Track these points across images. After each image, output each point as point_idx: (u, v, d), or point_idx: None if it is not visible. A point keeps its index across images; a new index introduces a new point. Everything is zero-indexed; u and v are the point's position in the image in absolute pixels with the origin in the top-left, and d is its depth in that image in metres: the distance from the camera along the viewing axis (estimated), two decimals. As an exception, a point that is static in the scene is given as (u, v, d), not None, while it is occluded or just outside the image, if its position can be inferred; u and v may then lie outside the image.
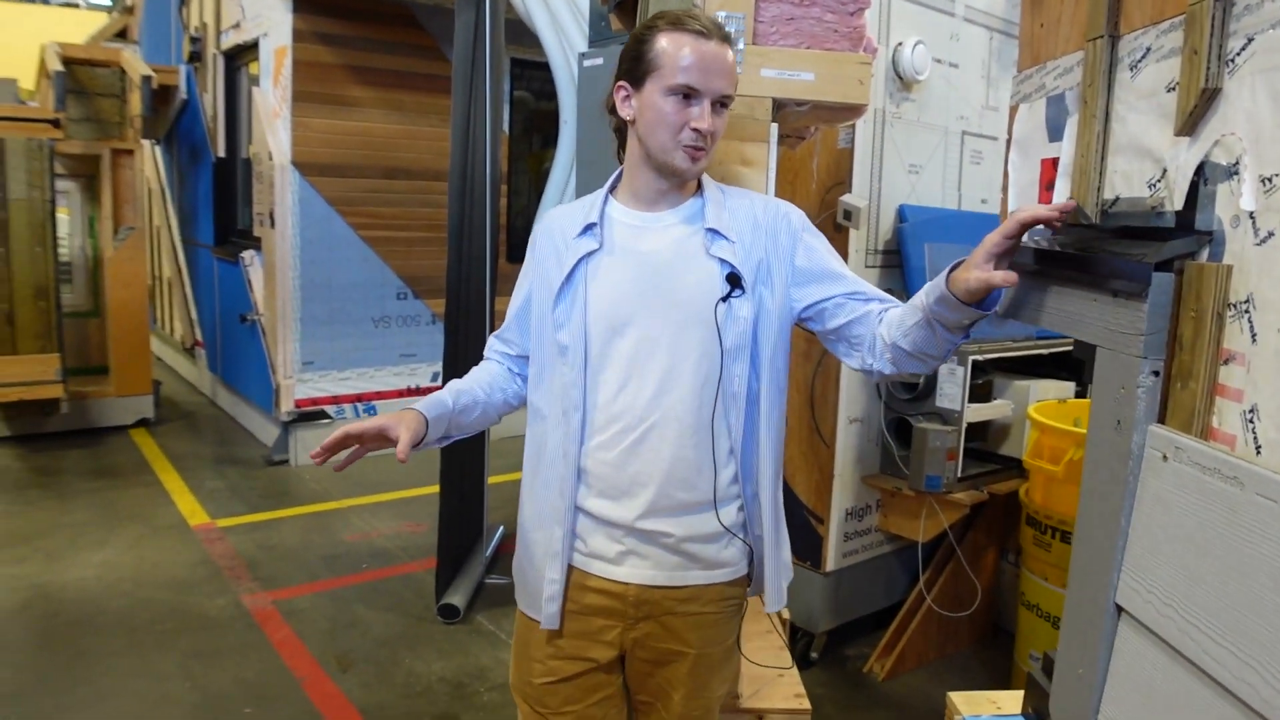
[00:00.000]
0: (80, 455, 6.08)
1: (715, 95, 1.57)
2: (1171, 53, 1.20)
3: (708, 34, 1.57)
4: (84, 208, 6.93)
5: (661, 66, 1.56)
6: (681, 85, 1.55)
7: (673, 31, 1.57)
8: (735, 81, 1.62)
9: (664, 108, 1.56)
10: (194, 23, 7.50)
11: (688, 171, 1.61)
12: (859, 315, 1.65)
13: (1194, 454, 1.07)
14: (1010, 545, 3.85)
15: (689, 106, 1.56)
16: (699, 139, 1.57)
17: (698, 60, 1.54)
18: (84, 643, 3.61)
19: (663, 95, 1.56)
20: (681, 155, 1.58)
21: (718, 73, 1.56)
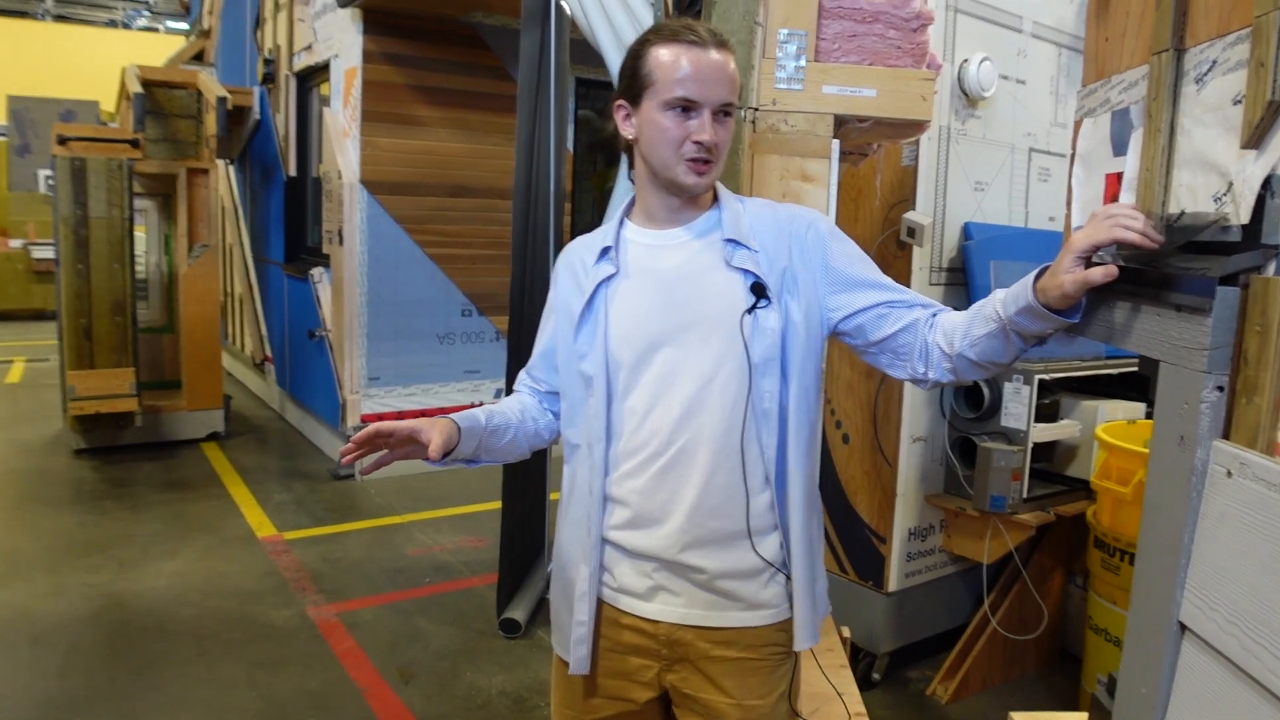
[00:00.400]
0: (153, 467, 6.25)
1: (715, 105, 1.50)
2: (1238, 65, 1.19)
3: (702, 42, 1.50)
4: (160, 225, 7.15)
5: (657, 81, 1.51)
6: (678, 98, 1.49)
7: (666, 44, 1.51)
8: (737, 89, 1.55)
9: (663, 123, 1.51)
10: (268, 45, 7.72)
11: (695, 186, 1.54)
12: (906, 324, 1.57)
13: (1259, 469, 1.05)
14: (1077, 568, 3.78)
15: (688, 119, 1.50)
16: (701, 151, 1.50)
17: (693, 71, 1.49)
18: (154, 650, 3.71)
19: (660, 110, 1.51)
20: (685, 169, 1.52)
21: (715, 81, 1.50)
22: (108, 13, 21.33)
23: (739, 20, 2.06)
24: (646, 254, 1.61)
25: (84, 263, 6.13)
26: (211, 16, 9.73)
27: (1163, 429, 1.23)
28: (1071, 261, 1.32)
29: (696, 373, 1.53)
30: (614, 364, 1.57)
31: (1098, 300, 1.37)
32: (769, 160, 2.08)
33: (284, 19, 7.33)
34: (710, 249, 1.58)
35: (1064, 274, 1.33)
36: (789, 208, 1.65)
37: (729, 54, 1.53)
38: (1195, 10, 1.30)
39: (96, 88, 15.42)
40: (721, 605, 1.57)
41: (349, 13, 5.92)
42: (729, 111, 1.53)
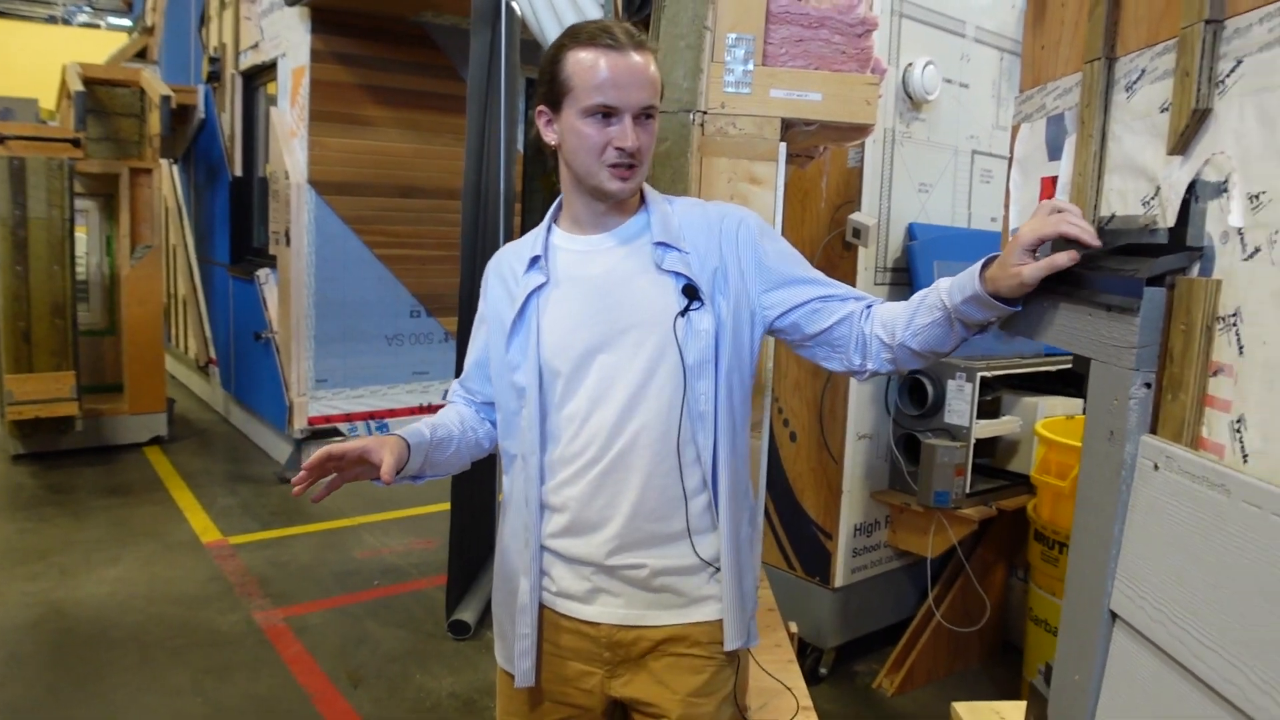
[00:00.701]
0: (94, 473, 6.14)
1: (636, 109, 1.48)
2: (1165, 74, 1.24)
3: (620, 45, 1.47)
4: (102, 226, 7.01)
5: (575, 88, 1.48)
6: (598, 105, 1.47)
7: (584, 48, 1.48)
8: (658, 90, 1.52)
9: (583, 130, 1.49)
10: (213, 43, 7.61)
11: (619, 192, 1.52)
12: (841, 317, 1.57)
13: (1184, 463, 1.10)
14: (1019, 561, 3.86)
15: (609, 125, 1.48)
16: (624, 157, 1.48)
17: (612, 75, 1.46)
18: (97, 658, 3.65)
19: (580, 117, 1.48)
20: (608, 176, 1.50)
21: (635, 85, 1.47)
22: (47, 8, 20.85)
23: (688, 24, 2.08)
24: (576, 260, 1.59)
25: (22, 264, 5.99)
26: (155, 13, 9.56)
27: (1093, 424, 1.28)
28: (1020, 254, 1.34)
29: (632, 378, 1.52)
30: (548, 374, 1.55)
31: (1033, 300, 1.41)
32: (717, 163, 2.10)
33: (230, 17, 7.24)
34: (639, 253, 1.57)
35: (1016, 265, 1.34)
36: (718, 206, 1.65)
37: (649, 55, 1.51)
38: (1125, 21, 1.34)
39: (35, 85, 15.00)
40: (661, 604, 1.58)
41: (297, 11, 5.86)
42: (651, 114, 1.51)
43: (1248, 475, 1.02)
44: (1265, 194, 1.04)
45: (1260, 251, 1.04)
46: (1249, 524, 0.99)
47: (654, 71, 1.51)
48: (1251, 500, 0.99)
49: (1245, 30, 1.09)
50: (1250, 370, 1.05)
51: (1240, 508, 1.01)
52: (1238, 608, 1.00)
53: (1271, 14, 1.05)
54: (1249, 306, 1.05)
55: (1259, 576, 0.98)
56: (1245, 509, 1.00)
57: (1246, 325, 1.06)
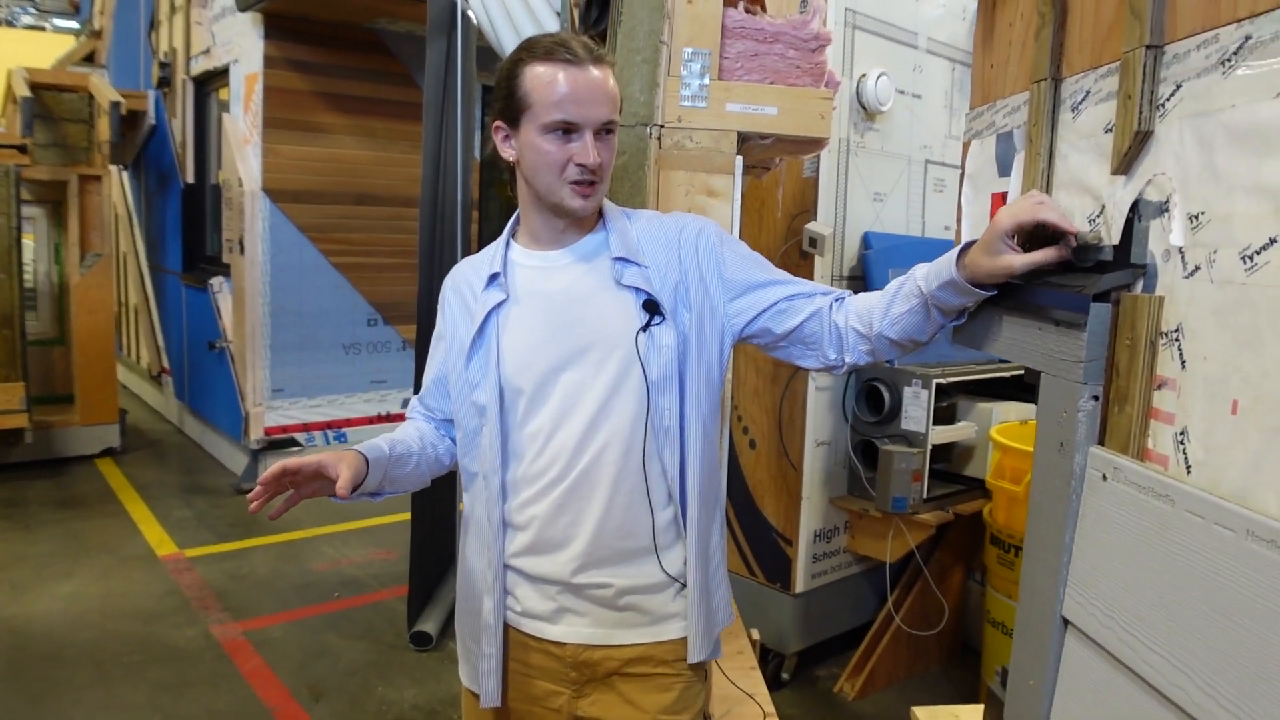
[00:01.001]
0: (45, 485, 6.02)
1: (596, 125, 1.46)
2: (1109, 96, 1.28)
3: (579, 60, 1.45)
4: (50, 234, 6.88)
5: (534, 104, 1.45)
6: (558, 121, 1.44)
7: (542, 62, 1.45)
8: (617, 105, 1.51)
9: (543, 146, 1.46)
10: (163, 48, 7.50)
11: (581, 209, 1.50)
12: (810, 313, 1.56)
13: (1130, 474, 1.13)
14: (976, 565, 3.92)
15: (569, 142, 1.46)
16: (585, 173, 1.47)
17: (572, 91, 1.44)
18: (51, 675, 3.58)
19: (540, 133, 1.46)
20: (570, 193, 1.48)
21: (595, 100, 1.45)
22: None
23: (644, 39, 2.11)
24: (535, 277, 1.57)
25: (-32, 273, 5.88)
26: (103, 17, 9.41)
27: (1044, 435, 1.31)
28: (1000, 241, 1.32)
29: (595, 395, 1.50)
30: (510, 392, 1.54)
31: (983, 312, 1.45)
32: (675, 176, 2.13)
33: (180, 21, 7.14)
34: (599, 268, 1.55)
35: (1003, 255, 1.33)
36: (676, 218, 1.63)
37: (607, 69, 1.49)
38: (1070, 43, 1.39)
39: (-22, 89, 14.75)
40: (628, 623, 1.56)
41: (249, 17, 5.81)
42: (611, 129, 1.50)
43: (1190, 486, 1.06)
44: (1204, 214, 1.08)
45: (1200, 270, 1.08)
46: (1192, 533, 1.03)
47: (613, 86, 1.49)
48: (1194, 510, 1.03)
49: (1184, 56, 1.13)
50: (1192, 384, 1.09)
51: (1184, 517, 1.05)
52: (1183, 614, 1.04)
53: (1208, 41, 1.09)
54: (1190, 323, 1.09)
55: (1202, 584, 1.01)
56: (1188, 518, 1.04)
57: (1188, 341, 1.10)
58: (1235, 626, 0.97)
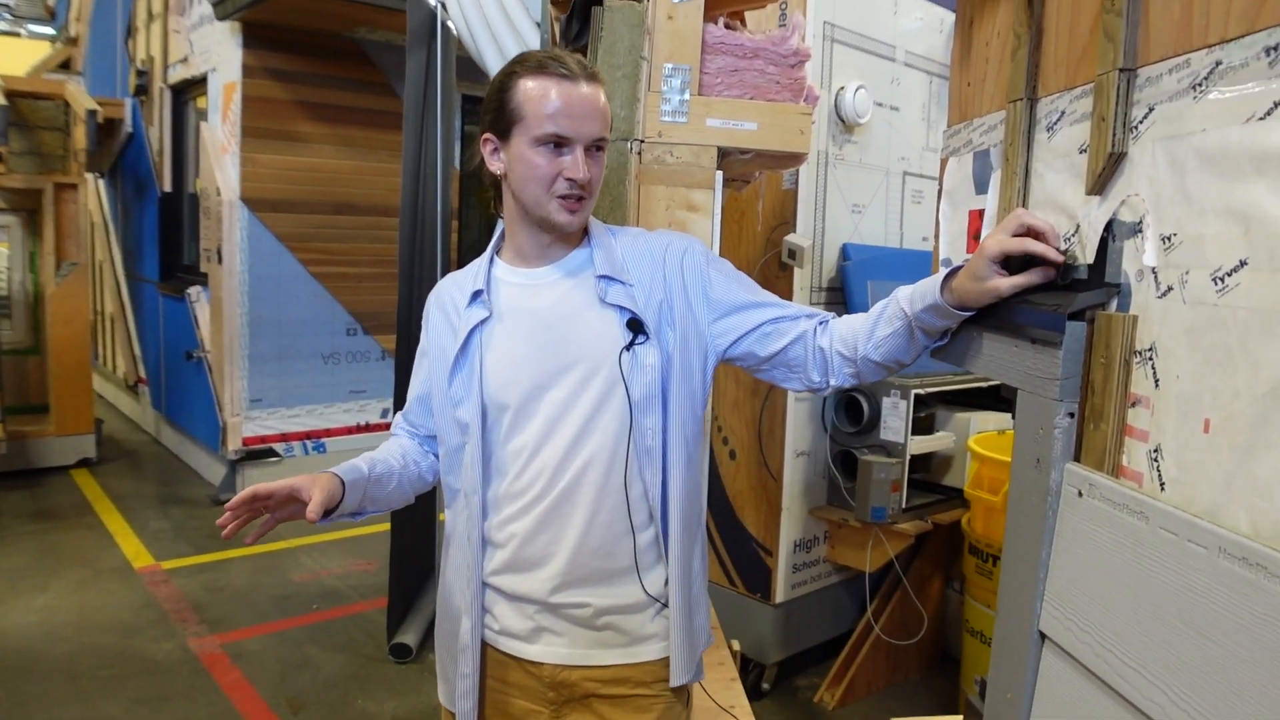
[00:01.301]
0: (19, 497, 5.96)
1: (588, 140, 1.46)
2: (1083, 117, 1.30)
3: (572, 75, 1.46)
4: (25, 242, 6.82)
5: (526, 116, 1.45)
6: (550, 134, 1.45)
7: (534, 76, 1.46)
8: (608, 122, 1.51)
9: (534, 159, 1.46)
10: (140, 56, 7.47)
11: (568, 225, 1.50)
12: (795, 337, 1.56)
13: (1105, 490, 1.15)
14: (955, 574, 3.95)
15: (560, 156, 1.46)
16: (574, 188, 1.47)
17: (564, 105, 1.44)
18: (25, 690, 3.55)
19: (530, 146, 1.46)
20: (557, 207, 1.48)
21: (587, 116, 1.46)
22: (-37, 16, 20.23)
23: (624, 54, 2.12)
24: (519, 294, 1.57)
25: (-59, 283, 5.82)
26: (79, 23, 9.35)
27: (1021, 452, 1.33)
28: (988, 267, 1.32)
29: (578, 414, 1.50)
30: (493, 409, 1.53)
31: (961, 330, 1.46)
32: (655, 190, 2.14)
33: (158, 29, 7.11)
34: (583, 286, 1.55)
35: (990, 280, 1.32)
36: (662, 236, 1.63)
37: (599, 86, 1.50)
38: (1046, 64, 1.41)
39: (-49, 95, 14.61)
40: (606, 643, 1.56)
41: (228, 26, 5.79)
42: (601, 146, 1.50)
43: (1164, 503, 1.07)
44: (1176, 236, 1.10)
45: (1172, 290, 1.10)
46: (1166, 550, 1.05)
47: (604, 103, 1.50)
48: (1168, 527, 1.05)
49: (1156, 80, 1.15)
50: (1166, 402, 1.11)
51: (1158, 534, 1.06)
52: (1157, 630, 1.05)
53: (1180, 65, 1.11)
54: (1163, 342, 1.11)
55: (1176, 600, 1.03)
56: (1162, 535, 1.05)
57: (1161, 360, 1.11)
58: (1208, 642, 0.98)
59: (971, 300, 1.37)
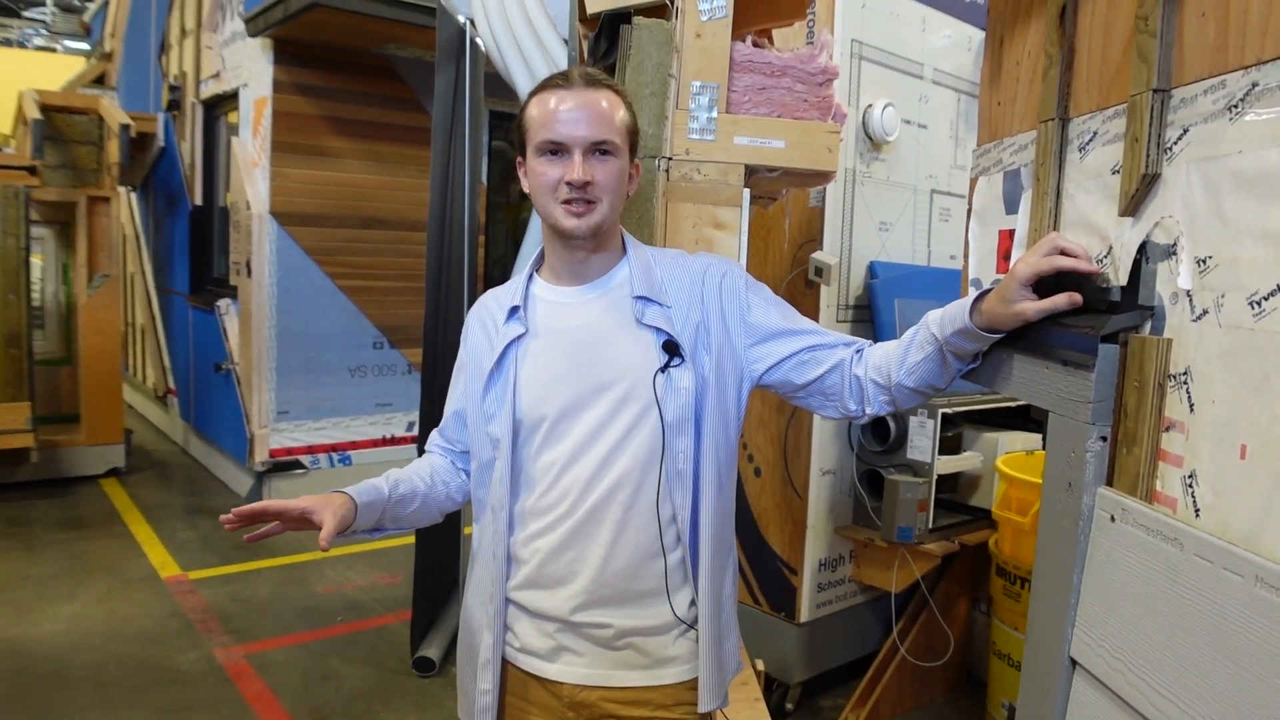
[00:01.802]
0: (49, 505, 6.02)
1: (584, 144, 1.47)
2: (1116, 138, 1.29)
3: (570, 84, 1.49)
4: (58, 254, 6.92)
5: (529, 129, 1.51)
6: (545, 142, 1.48)
7: (539, 93, 1.52)
8: (615, 126, 1.50)
9: (538, 169, 1.50)
10: (173, 71, 7.57)
11: (574, 229, 1.49)
12: (832, 365, 1.55)
13: (1138, 516, 1.13)
14: (981, 595, 3.91)
15: (560, 162, 1.48)
16: (575, 191, 1.47)
17: (558, 111, 1.47)
18: (52, 698, 3.58)
19: (535, 157, 1.50)
20: (562, 213, 1.49)
21: (581, 120, 1.47)
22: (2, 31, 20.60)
23: (653, 72, 2.12)
24: (555, 312, 1.58)
25: (-24, 293, 5.91)
26: (114, 39, 9.50)
27: (1052, 475, 1.31)
28: (1019, 290, 1.31)
29: (610, 434, 1.50)
30: (524, 425, 1.54)
31: (992, 351, 1.45)
32: (682, 208, 2.14)
33: (190, 45, 7.21)
34: (619, 306, 1.55)
35: (1018, 303, 1.31)
36: (702, 259, 1.63)
37: (604, 91, 1.51)
38: (1078, 84, 1.40)
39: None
40: (626, 664, 1.55)
41: (259, 42, 5.86)
42: (606, 149, 1.49)
43: (1199, 529, 1.06)
44: (1211, 258, 1.09)
45: (1208, 314, 1.09)
46: (1200, 577, 1.03)
47: (608, 107, 1.50)
48: (1203, 554, 1.03)
49: (1191, 101, 1.14)
50: (1201, 427, 1.09)
51: (1192, 561, 1.05)
52: (1191, 658, 1.04)
53: (1215, 87, 1.10)
54: (1198, 366, 1.10)
55: (1210, 629, 1.01)
56: (1197, 562, 1.04)
57: (1196, 384, 1.10)
58: (1243, 672, 0.96)
59: (1000, 323, 1.36)
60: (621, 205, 1.56)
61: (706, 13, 2.13)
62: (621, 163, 1.52)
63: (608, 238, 1.57)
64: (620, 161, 1.52)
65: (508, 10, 3.60)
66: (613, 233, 1.59)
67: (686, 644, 1.57)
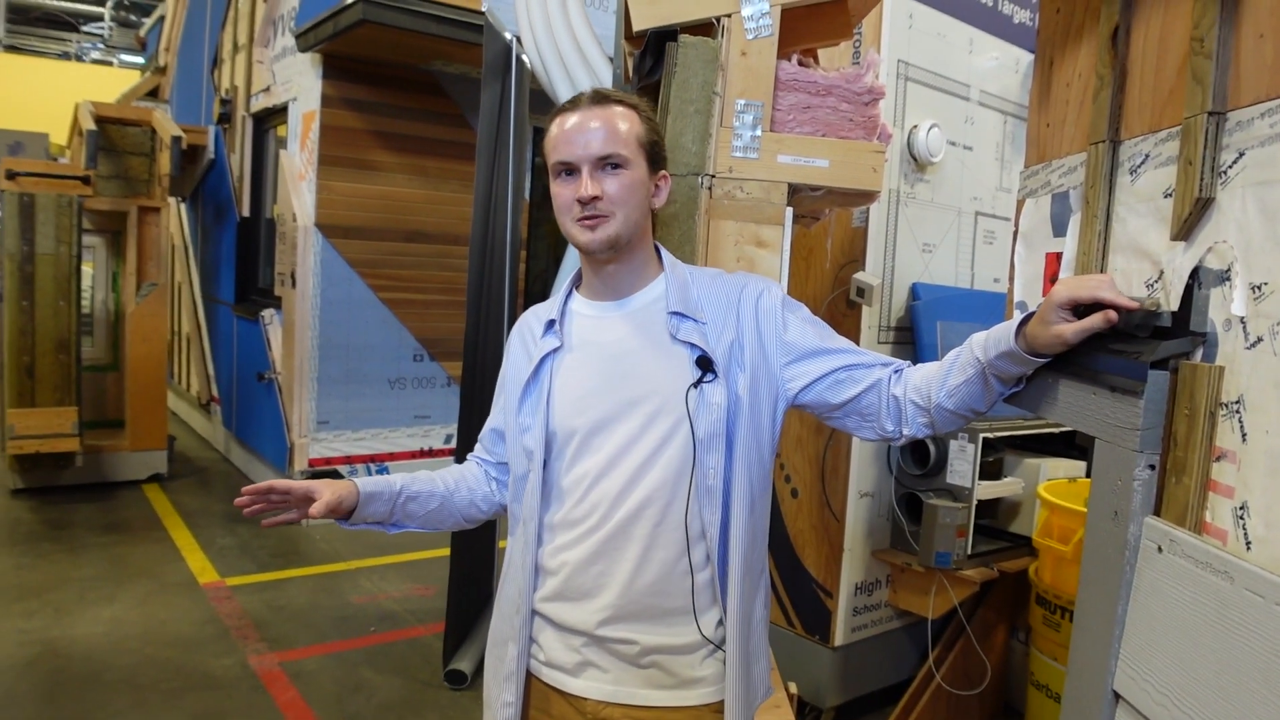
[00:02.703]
0: (92, 509, 6.12)
1: (589, 160, 1.49)
2: (1169, 160, 1.26)
3: (579, 105, 1.53)
4: (108, 262, 7.05)
5: (547, 153, 1.55)
6: (558, 164, 1.52)
7: (555, 117, 1.55)
8: (622, 140, 1.51)
9: (555, 191, 1.53)
10: (225, 85, 7.71)
11: (589, 244, 1.51)
12: (868, 385, 1.53)
13: (1187, 547, 1.10)
14: (1020, 624, 3.84)
15: (572, 181, 1.51)
16: (586, 208, 1.49)
17: (565, 132, 1.51)
18: (89, 699, 3.62)
19: (553, 179, 1.54)
20: (578, 229, 1.51)
21: (586, 137, 1.49)
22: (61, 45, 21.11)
23: (698, 90, 2.12)
24: (590, 327, 1.59)
25: (29, 299, 6.03)
26: (168, 54, 9.70)
27: (1098, 503, 1.29)
28: (1057, 313, 1.29)
29: (641, 448, 1.50)
30: (557, 438, 1.55)
31: (1039, 376, 1.43)
32: (724, 226, 2.13)
33: (242, 60, 7.34)
34: (654, 321, 1.56)
35: (1055, 325, 1.29)
36: (739, 277, 1.63)
37: (611, 105, 1.53)
38: (1129, 106, 1.37)
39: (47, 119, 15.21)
40: (652, 682, 1.53)
41: (309, 57, 5.95)
42: (616, 163, 1.50)
43: (1250, 563, 1.03)
44: (1267, 285, 1.06)
45: (1262, 341, 1.06)
46: (1251, 612, 1.00)
47: (614, 122, 1.51)
48: (1254, 589, 1.00)
49: (1247, 124, 1.11)
50: (1253, 458, 1.06)
51: (1243, 595, 1.02)
52: (1239, 695, 1.01)
53: (1273, 109, 1.07)
54: (1251, 395, 1.07)
55: (1261, 665, 0.98)
56: (1248, 597, 1.01)
57: (1249, 413, 1.07)
58: (1297, 712, 0.93)
59: (1042, 346, 1.33)
60: (642, 218, 1.56)
61: (752, 31, 2.13)
62: (635, 174, 1.52)
63: (633, 250, 1.57)
64: (633, 173, 1.52)
65: (554, 28, 3.63)
66: (639, 246, 1.59)
67: (714, 665, 1.55)
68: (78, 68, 19.98)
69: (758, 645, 1.60)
